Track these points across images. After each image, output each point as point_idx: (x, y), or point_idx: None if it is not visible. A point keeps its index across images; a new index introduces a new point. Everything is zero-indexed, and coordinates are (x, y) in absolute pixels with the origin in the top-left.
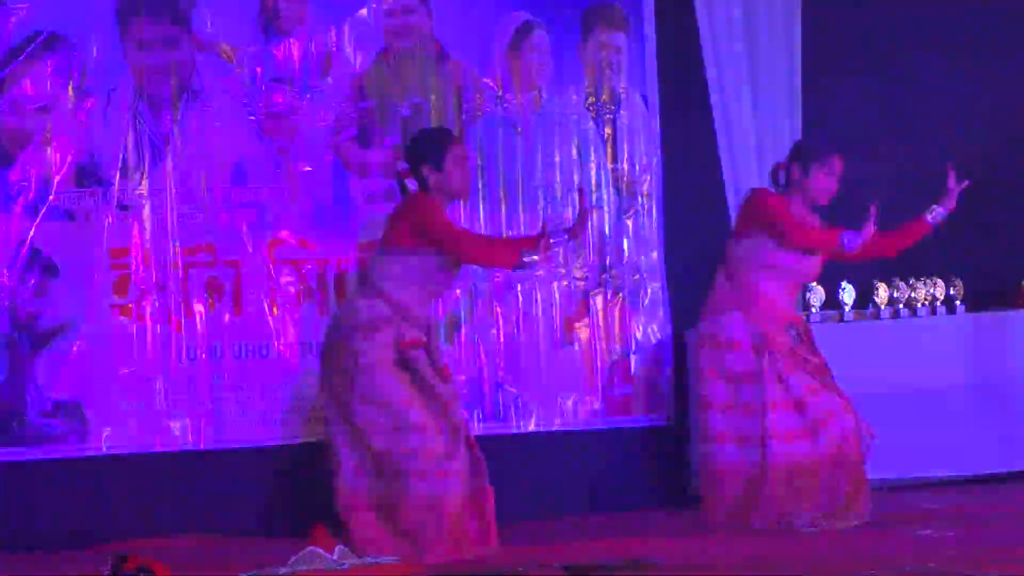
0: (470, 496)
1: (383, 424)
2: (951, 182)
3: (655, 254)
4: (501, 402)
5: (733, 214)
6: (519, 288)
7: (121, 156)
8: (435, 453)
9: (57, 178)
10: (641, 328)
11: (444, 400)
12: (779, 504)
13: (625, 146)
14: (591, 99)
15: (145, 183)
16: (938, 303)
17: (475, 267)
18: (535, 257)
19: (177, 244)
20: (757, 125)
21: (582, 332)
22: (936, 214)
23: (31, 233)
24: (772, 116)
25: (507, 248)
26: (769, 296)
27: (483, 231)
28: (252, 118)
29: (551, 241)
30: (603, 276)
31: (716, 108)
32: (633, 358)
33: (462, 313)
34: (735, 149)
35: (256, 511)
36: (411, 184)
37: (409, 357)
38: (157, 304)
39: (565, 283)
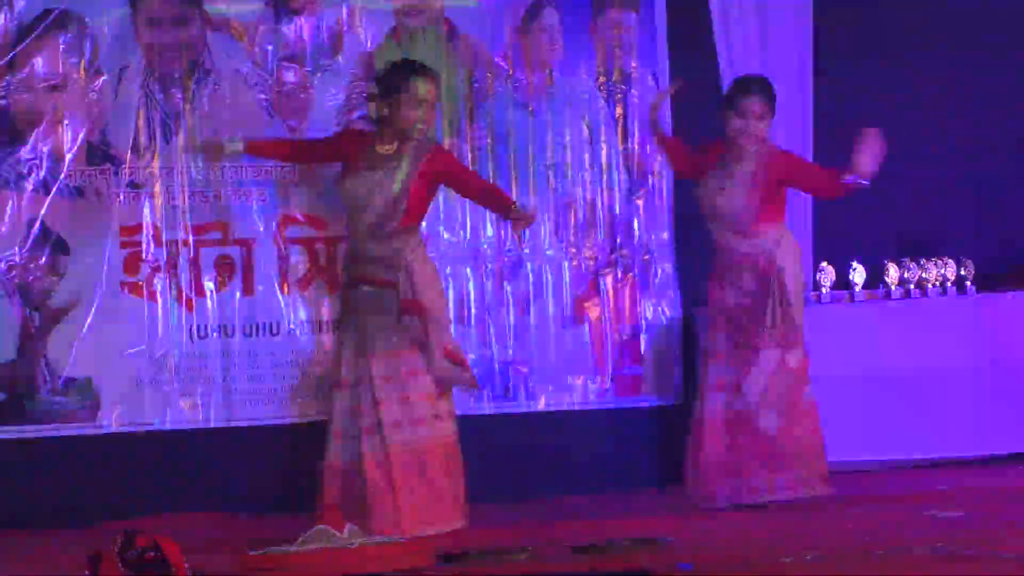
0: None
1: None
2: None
3: (665, 234)
4: (511, 381)
5: None
6: (529, 267)
7: (132, 134)
8: (347, 413)
9: (68, 156)
10: (651, 308)
11: (373, 348)
12: None
13: (636, 126)
14: (602, 78)
15: (156, 161)
16: (949, 283)
17: (484, 249)
18: None
19: (188, 222)
20: None
21: (592, 312)
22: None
23: (43, 211)
24: (783, 94)
25: None
26: (715, 242)
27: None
28: (263, 97)
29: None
30: (613, 256)
31: (727, 86)
32: (643, 338)
33: (472, 292)
34: None
35: (266, 489)
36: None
37: (354, 295)
38: (167, 282)
39: (575, 262)
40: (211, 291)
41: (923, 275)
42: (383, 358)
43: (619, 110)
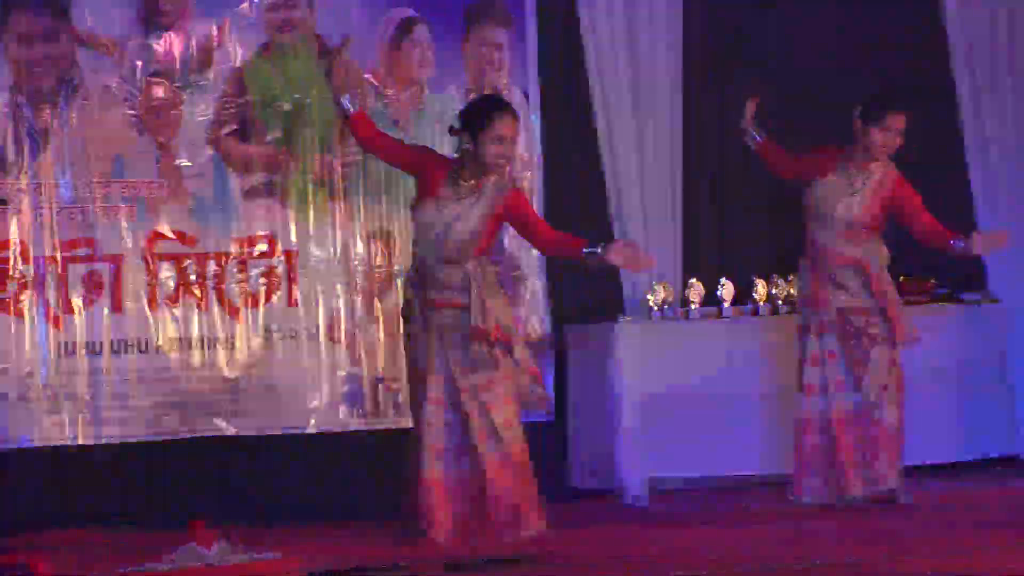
0: (461, 479)
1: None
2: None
3: (535, 251)
4: (380, 399)
5: (614, 210)
6: (398, 283)
7: None
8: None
9: None
10: (522, 324)
11: (447, 370)
12: None
13: None
14: (472, 95)
15: (24, 177)
16: None
17: (355, 266)
18: None
19: (56, 238)
20: (638, 120)
21: None
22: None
23: None
24: (653, 111)
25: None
26: (818, 245)
27: (362, 227)
28: (132, 112)
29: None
30: None
31: (597, 104)
32: None
33: (342, 309)
34: (616, 145)
35: (135, 505)
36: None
37: (433, 319)
38: (35, 299)
39: None
40: (79, 308)
41: (791, 291)
42: (472, 374)
43: None
